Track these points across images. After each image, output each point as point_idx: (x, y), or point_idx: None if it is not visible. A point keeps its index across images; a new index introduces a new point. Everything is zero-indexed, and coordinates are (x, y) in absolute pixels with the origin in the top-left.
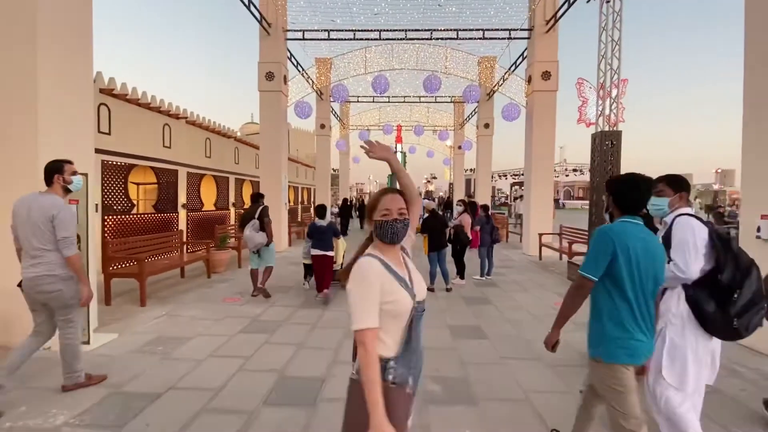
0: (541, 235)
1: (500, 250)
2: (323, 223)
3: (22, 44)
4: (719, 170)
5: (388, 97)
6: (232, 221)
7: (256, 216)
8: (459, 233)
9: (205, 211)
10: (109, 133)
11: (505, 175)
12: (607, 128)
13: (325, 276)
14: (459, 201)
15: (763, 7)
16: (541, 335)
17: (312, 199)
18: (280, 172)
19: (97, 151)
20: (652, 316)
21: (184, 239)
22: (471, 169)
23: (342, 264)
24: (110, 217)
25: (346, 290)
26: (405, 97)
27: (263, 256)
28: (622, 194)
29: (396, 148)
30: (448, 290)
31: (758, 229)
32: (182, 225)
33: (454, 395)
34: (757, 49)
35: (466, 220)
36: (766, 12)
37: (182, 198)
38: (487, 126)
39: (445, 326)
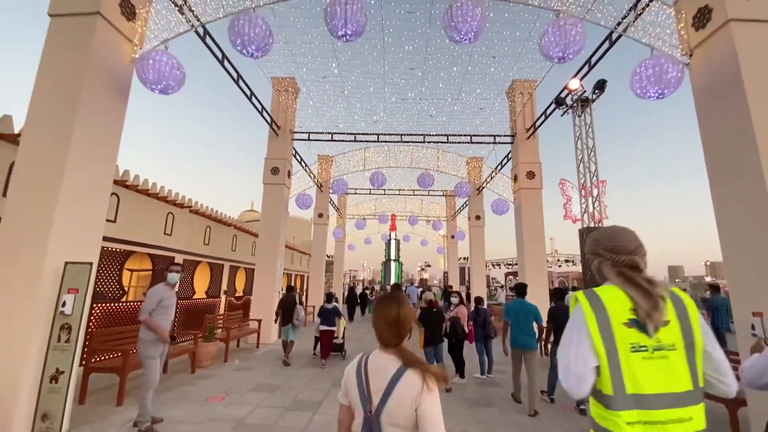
0: (540, 327)
1: (500, 345)
2: (330, 306)
3: (58, 139)
4: (708, 262)
5: (384, 190)
6: (222, 310)
7: (297, 301)
8: (455, 326)
9: (196, 299)
10: (114, 221)
11: (499, 265)
12: (592, 224)
13: (329, 344)
14: (454, 292)
15: (714, 123)
16: None
17: (305, 286)
18: (275, 261)
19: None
20: (525, 331)
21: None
22: (465, 258)
23: (343, 337)
24: (98, 305)
25: None
26: (400, 190)
27: (296, 332)
28: (516, 290)
29: (390, 236)
30: (447, 390)
31: (752, 327)
32: None
33: None
34: (716, 166)
35: (462, 311)
36: (717, 130)
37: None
38: (478, 218)
39: None
